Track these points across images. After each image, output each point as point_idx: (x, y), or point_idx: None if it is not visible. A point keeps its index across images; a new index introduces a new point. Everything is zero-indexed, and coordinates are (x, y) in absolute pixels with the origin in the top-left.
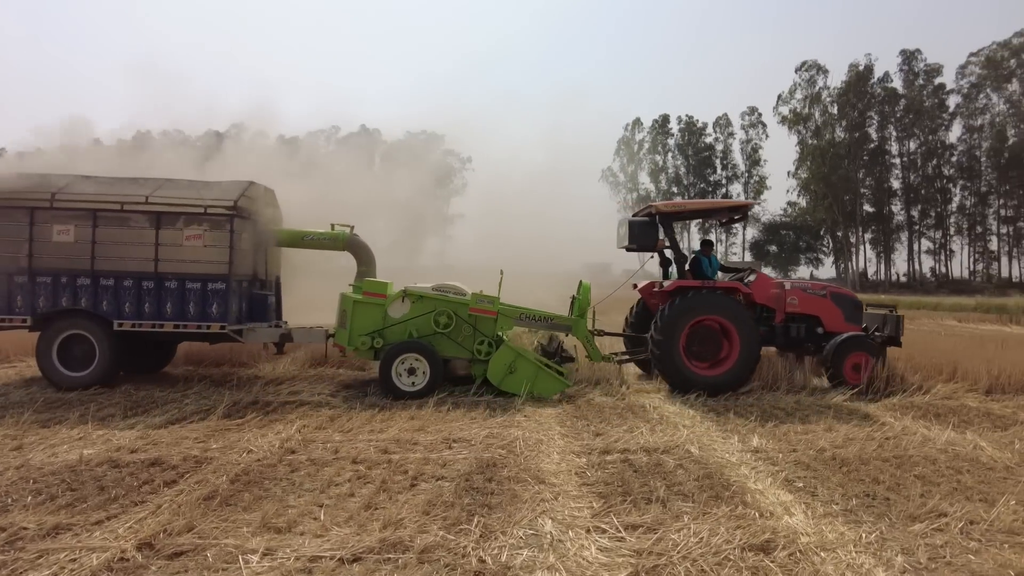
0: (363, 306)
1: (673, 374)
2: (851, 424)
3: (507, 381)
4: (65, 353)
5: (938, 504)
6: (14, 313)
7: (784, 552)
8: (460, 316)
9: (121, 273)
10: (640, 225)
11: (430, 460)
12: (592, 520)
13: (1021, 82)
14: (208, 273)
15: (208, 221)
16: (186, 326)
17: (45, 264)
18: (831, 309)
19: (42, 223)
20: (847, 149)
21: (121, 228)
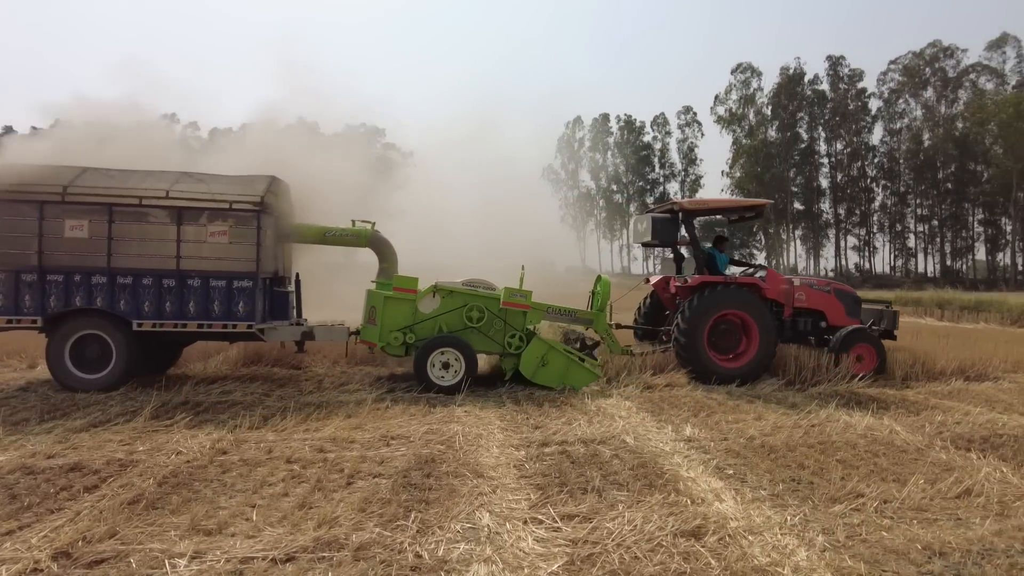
0: (394, 302)
1: (697, 366)
2: (779, 413)
3: (539, 374)
4: (77, 355)
5: (856, 486)
6: (23, 313)
7: (714, 537)
8: (491, 311)
9: (140, 271)
10: (663, 221)
11: (367, 458)
12: (529, 512)
13: (935, 89)
14: (234, 271)
15: (234, 217)
16: (211, 326)
17: (56, 261)
18: (835, 304)
19: (53, 218)
20: (779, 149)
21: (140, 223)
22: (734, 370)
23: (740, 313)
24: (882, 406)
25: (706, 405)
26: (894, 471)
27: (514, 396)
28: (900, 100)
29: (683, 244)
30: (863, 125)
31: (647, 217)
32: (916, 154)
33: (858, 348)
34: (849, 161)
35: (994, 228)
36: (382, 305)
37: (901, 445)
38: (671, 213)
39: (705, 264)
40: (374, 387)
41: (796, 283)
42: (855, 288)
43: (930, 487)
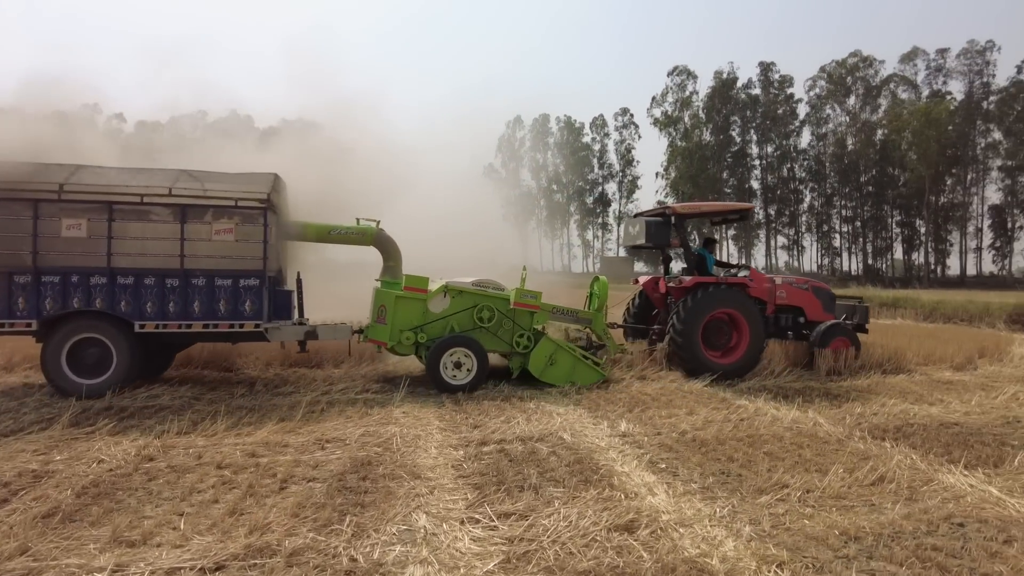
0: (405, 301)
1: (692, 362)
2: (710, 407)
3: (548, 372)
4: (75, 359)
5: (782, 477)
6: (16, 316)
7: (646, 530)
8: (501, 311)
9: (142, 270)
10: (656, 224)
11: (301, 462)
12: (466, 511)
13: (858, 97)
14: (241, 269)
15: (239, 214)
16: (217, 326)
17: (52, 262)
18: (812, 301)
19: (48, 217)
20: (713, 151)
21: (141, 222)
22: (727, 365)
23: (731, 311)
24: (807, 400)
25: (641, 401)
26: (817, 462)
27: (454, 397)
28: (826, 106)
29: (674, 247)
30: (792, 129)
31: (640, 221)
32: (841, 158)
33: (836, 342)
34: (779, 163)
35: (910, 229)
36: (393, 304)
37: (824, 437)
38: (663, 217)
39: (696, 265)
40: (309, 389)
41: (778, 282)
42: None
43: (848, 476)
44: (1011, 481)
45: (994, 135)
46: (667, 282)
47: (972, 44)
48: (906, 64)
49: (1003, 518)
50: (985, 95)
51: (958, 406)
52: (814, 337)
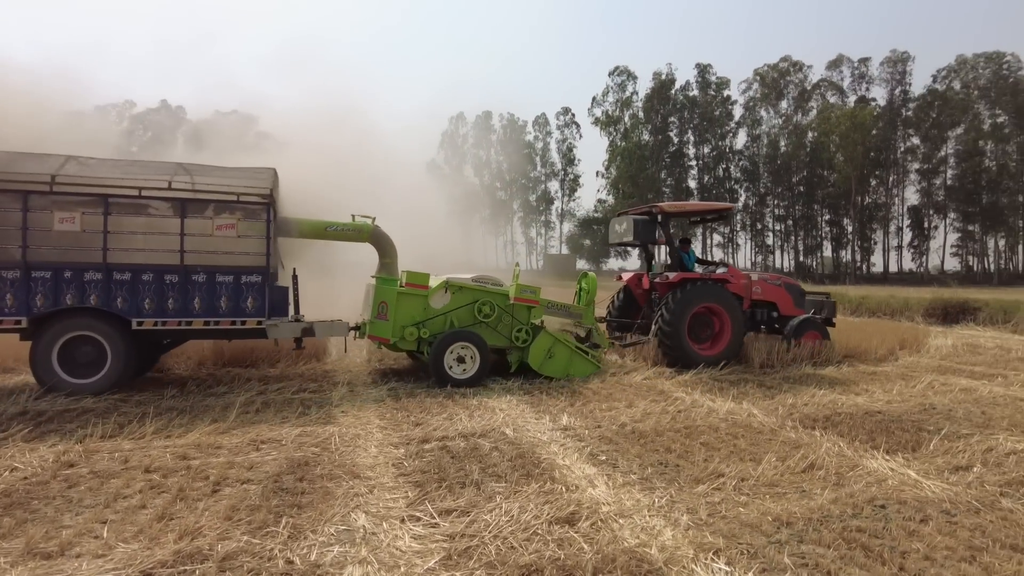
0: (407, 297)
1: (680, 354)
2: (649, 400)
3: (546, 365)
4: (66, 357)
5: (718, 467)
6: (4, 314)
7: (587, 522)
8: (500, 306)
9: (139, 266)
10: (643, 223)
11: (235, 463)
12: (407, 509)
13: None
14: (243, 265)
15: (241, 210)
16: (218, 323)
17: (44, 257)
18: (785, 296)
19: (40, 210)
20: (651, 151)
21: (138, 216)
22: (711, 356)
23: (714, 306)
24: (742, 392)
25: (582, 394)
26: (751, 451)
27: (395, 393)
28: (760, 108)
29: (660, 244)
30: (728, 130)
31: (628, 219)
32: (774, 159)
33: (808, 335)
34: (715, 164)
35: (838, 228)
36: (394, 301)
37: (757, 427)
38: (650, 215)
39: (675, 262)
40: (244, 389)
41: (754, 278)
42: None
43: (781, 464)
44: (927, 464)
45: (913, 140)
46: (651, 278)
47: (893, 53)
48: (833, 70)
49: (920, 499)
50: (904, 102)
51: (881, 395)
52: (788, 330)
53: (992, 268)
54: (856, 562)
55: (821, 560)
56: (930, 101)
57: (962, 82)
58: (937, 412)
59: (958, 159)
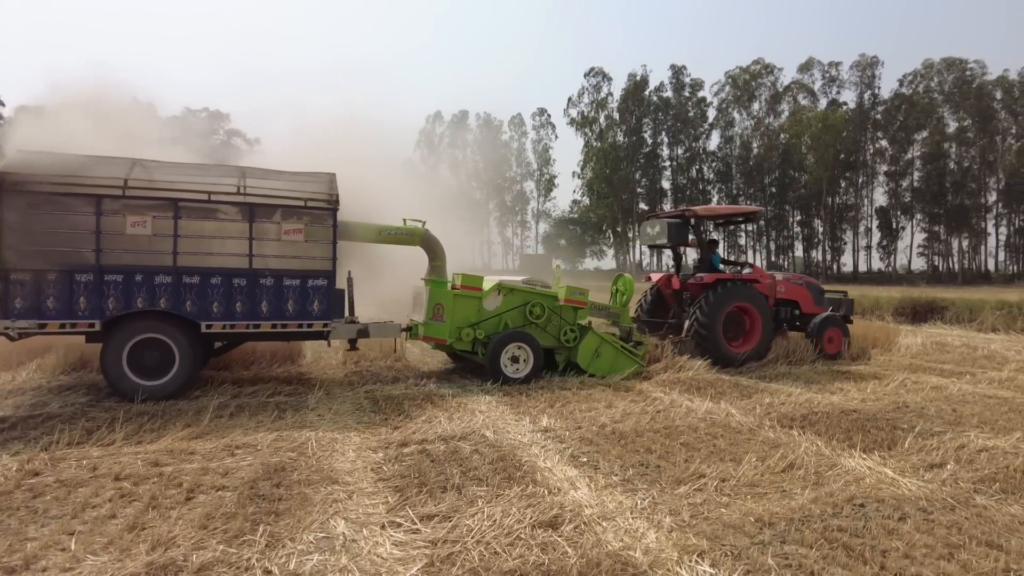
0: (462, 299)
1: (715, 352)
2: (628, 400)
3: (594, 364)
4: (133, 360)
5: (699, 467)
6: (78, 316)
7: (570, 526)
8: (550, 308)
9: (209, 270)
10: (677, 226)
11: (209, 470)
12: (387, 515)
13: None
14: (310, 269)
15: (308, 215)
16: (285, 325)
17: (116, 260)
18: (806, 295)
19: (112, 213)
20: (626, 152)
21: (208, 220)
22: (743, 354)
23: (746, 305)
24: (719, 391)
25: (561, 396)
26: (731, 451)
27: (372, 396)
28: (732, 110)
29: (692, 246)
30: (701, 131)
31: (661, 222)
32: (746, 160)
33: (830, 332)
34: (688, 165)
35: (809, 228)
36: (451, 302)
37: (736, 427)
38: (682, 218)
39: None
40: (217, 393)
41: (778, 278)
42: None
43: (761, 464)
44: (903, 462)
45: (881, 142)
46: (683, 279)
47: (862, 57)
48: (804, 73)
49: (897, 497)
50: (873, 105)
51: (855, 394)
52: (811, 328)
53: (956, 268)
54: (838, 562)
55: (804, 561)
56: (897, 105)
57: (927, 87)
58: (910, 410)
59: (924, 162)
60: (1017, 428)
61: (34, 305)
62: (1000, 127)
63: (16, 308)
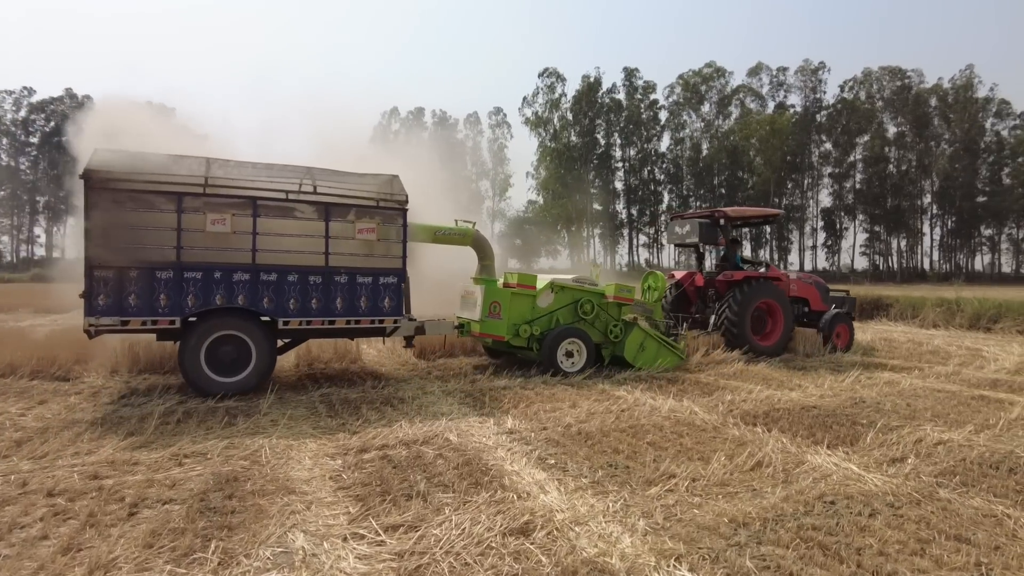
0: (518, 297)
1: (743, 345)
2: (592, 400)
3: (639, 357)
4: (209, 357)
5: (668, 467)
6: (158, 314)
7: (542, 532)
8: (598, 304)
9: (286, 267)
10: (707, 226)
11: (155, 481)
12: (349, 527)
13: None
14: (382, 267)
15: (380, 214)
16: (359, 322)
17: (196, 257)
18: (815, 293)
19: (193, 211)
20: (580, 152)
21: (285, 219)
22: (768, 347)
23: (771, 302)
24: (681, 389)
25: (524, 396)
26: (698, 450)
27: (328, 400)
28: (683, 112)
29: (721, 245)
30: (653, 133)
31: (693, 222)
32: (696, 162)
33: (839, 327)
34: (640, 166)
35: (757, 228)
36: (508, 300)
37: (701, 424)
38: (711, 219)
39: (727, 262)
40: (163, 398)
41: (792, 277)
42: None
43: (729, 462)
44: (866, 457)
45: (826, 145)
46: (709, 276)
47: (807, 63)
48: (752, 77)
49: (865, 493)
50: (818, 109)
51: (814, 390)
52: (823, 324)
53: (895, 267)
54: (816, 561)
55: (782, 562)
56: (840, 109)
57: (868, 93)
58: (867, 405)
59: (865, 164)
60: (968, 421)
61: (117, 302)
62: (935, 133)
63: (100, 305)
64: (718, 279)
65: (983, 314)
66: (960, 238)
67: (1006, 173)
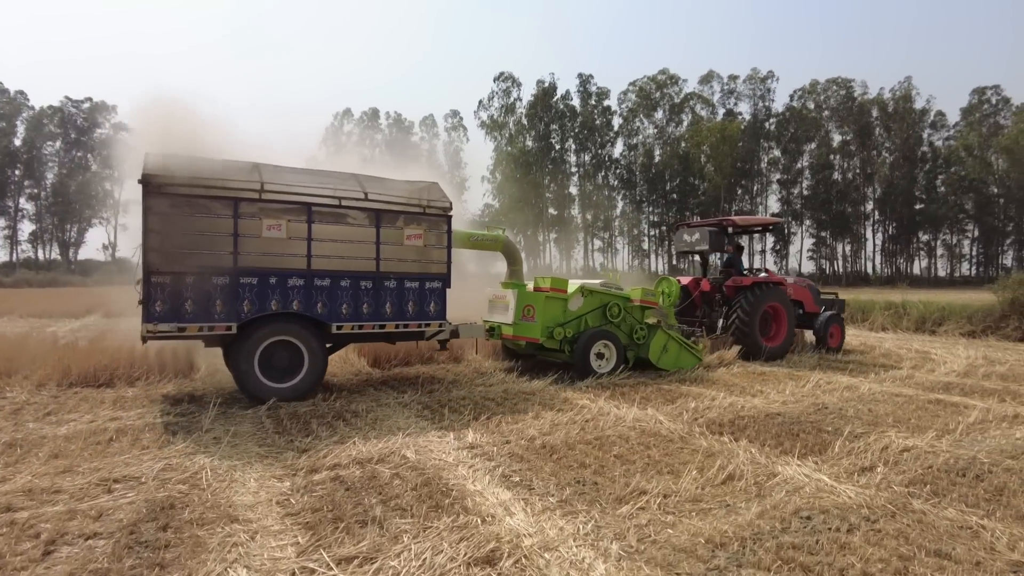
0: (551, 301)
1: (752, 346)
2: (555, 410)
3: (663, 359)
4: (264, 362)
5: (638, 483)
6: (215, 320)
7: (510, 561)
8: (624, 308)
9: (338, 273)
10: (715, 234)
11: (78, 512)
12: (298, 560)
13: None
14: (428, 272)
15: (427, 220)
16: (407, 325)
17: (252, 263)
18: (809, 296)
19: (249, 217)
20: (535, 157)
21: (338, 225)
22: (773, 348)
23: (776, 305)
24: (644, 397)
25: (486, 407)
26: (667, 462)
27: (275, 414)
28: (636, 119)
29: (728, 252)
30: (607, 139)
31: (703, 231)
32: (649, 168)
33: (832, 328)
34: (595, 171)
35: None
36: (542, 304)
37: (667, 435)
38: (719, 227)
39: (731, 267)
40: (94, 415)
41: (789, 281)
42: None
43: (700, 476)
44: (836, 467)
45: (774, 152)
46: (717, 282)
47: (755, 72)
48: (704, 85)
49: (840, 506)
50: (767, 117)
51: (775, 396)
52: (819, 325)
53: (840, 271)
54: None
55: None
56: (788, 118)
57: (816, 102)
58: (830, 412)
59: (812, 172)
60: (928, 427)
61: (174, 308)
62: (877, 142)
63: (157, 311)
64: (727, 284)
65: (928, 317)
66: (900, 243)
67: (940, 182)
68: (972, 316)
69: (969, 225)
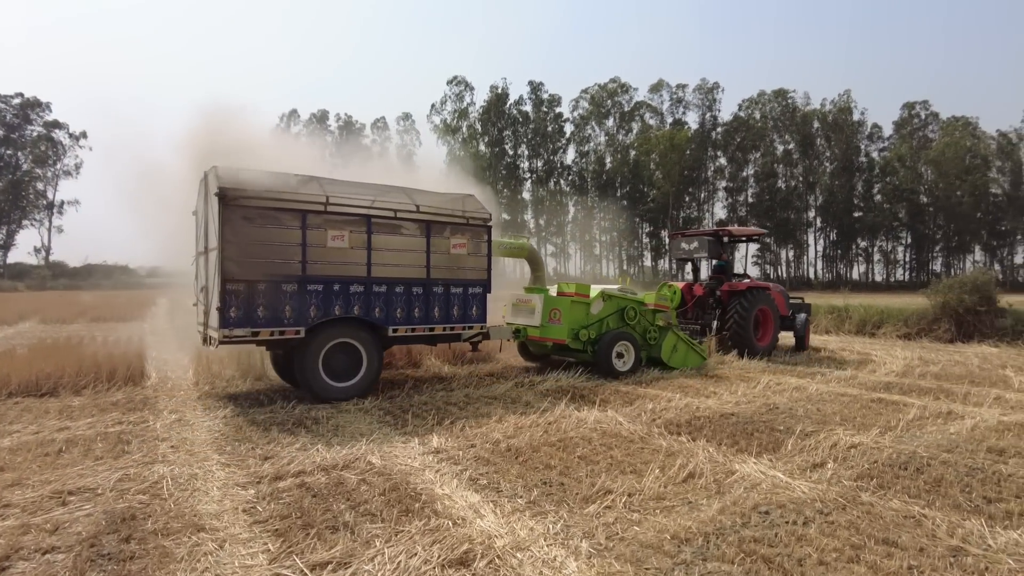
0: (576, 305)
1: (747, 345)
2: (518, 413)
3: (673, 358)
4: (326, 364)
5: (603, 482)
6: (284, 324)
7: (483, 561)
8: (639, 311)
9: (394, 280)
10: (711, 243)
11: (32, 527)
12: (271, 567)
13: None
14: (471, 279)
15: (470, 230)
16: (452, 328)
17: (318, 271)
18: (781, 300)
19: (315, 228)
20: (488, 162)
21: (392, 235)
22: (763, 347)
23: (766, 308)
24: (603, 399)
25: (448, 412)
26: (629, 462)
27: (234, 421)
28: (588, 126)
29: (724, 259)
30: (559, 146)
31: (701, 239)
32: (600, 174)
33: (807, 329)
34: (547, 177)
35: (657, 239)
36: (567, 308)
37: (628, 435)
38: (715, 236)
39: (720, 272)
40: (41, 425)
41: (770, 287)
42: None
43: (662, 475)
44: (789, 464)
45: (720, 161)
46: (710, 287)
47: (704, 82)
48: (654, 94)
49: (795, 501)
50: (714, 126)
51: (728, 397)
52: (799, 326)
53: (784, 275)
54: (762, 575)
55: None
56: (735, 127)
57: (763, 112)
58: (781, 411)
59: (757, 180)
60: (872, 424)
61: (247, 314)
62: (818, 151)
63: (232, 317)
64: (722, 289)
65: (868, 320)
66: (840, 249)
67: (877, 191)
68: (908, 319)
69: (903, 233)
